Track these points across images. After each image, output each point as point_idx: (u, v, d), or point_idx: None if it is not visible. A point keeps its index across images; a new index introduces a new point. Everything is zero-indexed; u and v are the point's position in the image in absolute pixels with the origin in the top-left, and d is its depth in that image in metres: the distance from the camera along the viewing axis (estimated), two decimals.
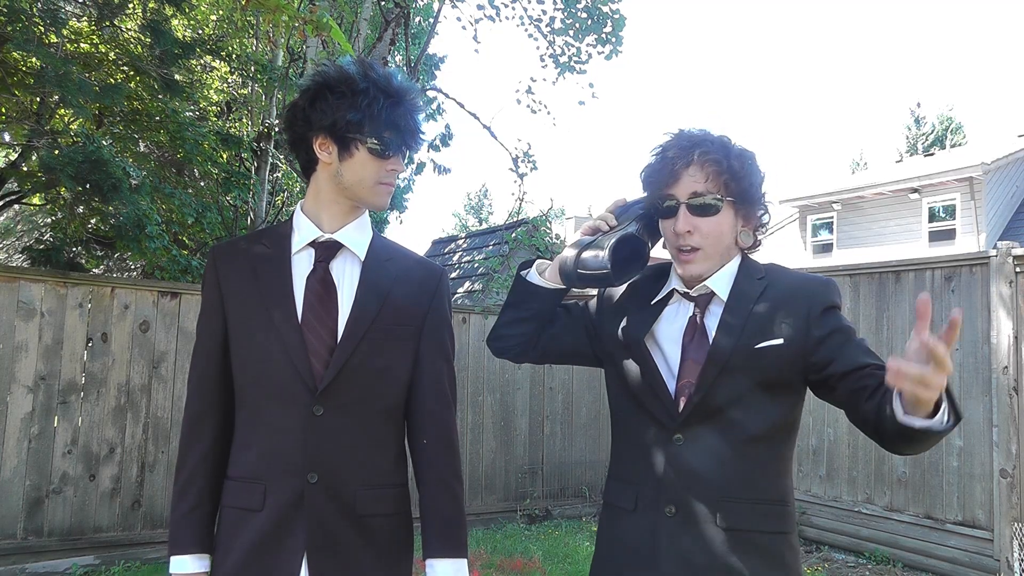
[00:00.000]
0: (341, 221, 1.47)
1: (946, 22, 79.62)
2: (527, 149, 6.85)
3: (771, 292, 1.38)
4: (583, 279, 1.44)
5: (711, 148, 1.37)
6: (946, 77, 75.52)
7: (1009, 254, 4.48)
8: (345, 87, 1.39)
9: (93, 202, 5.48)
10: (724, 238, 1.39)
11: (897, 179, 17.22)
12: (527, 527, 5.86)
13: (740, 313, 1.36)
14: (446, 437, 1.49)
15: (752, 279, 1.41)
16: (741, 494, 1.33)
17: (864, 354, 1.32)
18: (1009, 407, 4.42)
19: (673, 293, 1.45)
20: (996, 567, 4.40)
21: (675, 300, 1.45)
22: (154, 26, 5.60)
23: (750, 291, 1.39)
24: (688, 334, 1.39)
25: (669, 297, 1.45)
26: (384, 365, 1.44)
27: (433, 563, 1.43)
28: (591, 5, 6.85)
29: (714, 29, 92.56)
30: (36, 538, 4.31)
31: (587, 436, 6.47)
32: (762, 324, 1.35)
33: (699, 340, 1.38)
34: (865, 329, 5.18)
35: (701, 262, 1.38)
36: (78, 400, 4.52)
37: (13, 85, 5.15)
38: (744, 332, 1.34)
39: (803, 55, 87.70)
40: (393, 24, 6.22)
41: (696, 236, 1.37)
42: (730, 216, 1.39)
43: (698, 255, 1.37)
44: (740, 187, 1.37)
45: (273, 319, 1.40)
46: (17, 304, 4.36)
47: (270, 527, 1.36)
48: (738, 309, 1.37)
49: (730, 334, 1.35)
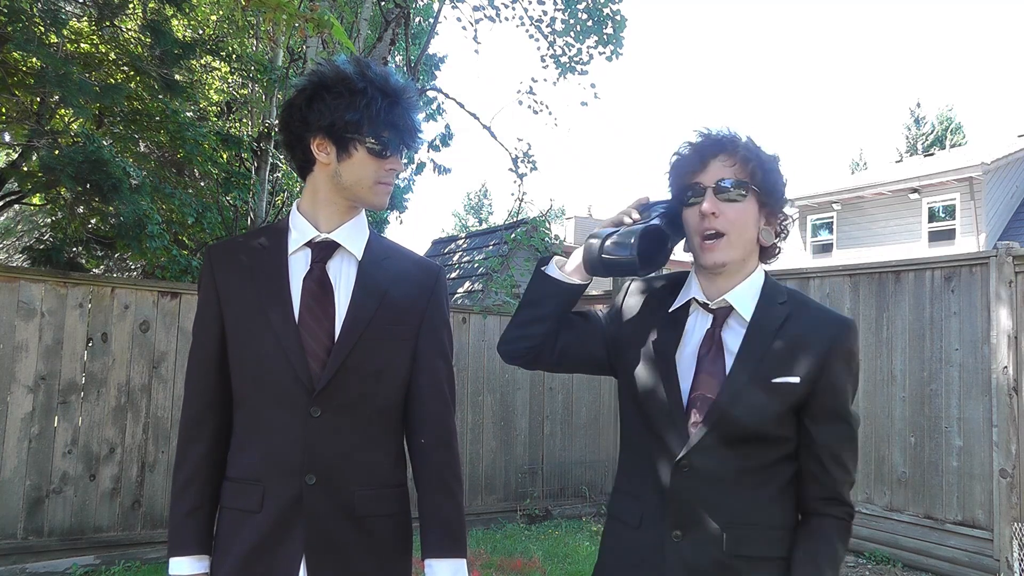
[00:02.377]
0: (338, 221, 1.46)
1: (946, 22, 79.62)
2: (527, 149, 6.85)
3: (793, 324, 1.37)
4: (608, 266, 1.42)
5: (740, 141, 1.39)
6: (946, 77, 75.55)
7: (1009, 254, 4.48)
8: (342, 87, 1.38)
9: (93, 202, 5.48)
10: (748, 229, 1.38)
11: (897, 179, 17.22)
12: (527, 527, 5.86)
13: (760, 343, 1.35)
14: (445, 437, 1.49)
15: (774, 303, 1.39)
16: (749, 520, 1.33)
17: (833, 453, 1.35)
18: (1009, 407, 4.41)
19: (692, 303, 1.43)
20: (996, 567, 4.40)
21: (694, 310, 1.44)
22: (154, 26, 5.61)
23: (772, 317, 1.37)
24: (704, 347, 1.38)
25: (688, 308, 1.44)
26: (382, 365, 1.43)
27: (432, 563, 1.43)
28: (592, 6, 6.85)
29: (714, 29, 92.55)
30: (36, 538, 4.31)
31: (587, 436, 6.47)
32: (781, 358, 1.34)
33: (714, 355, 1.37)
34: (865, 329, 5.18)
35: (724, 249, 1.36)
36: (78, 400, 4.52)
37: (13, 85, 5.15)
38: (762, 365, 1.34)
39: (803, 55, 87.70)
40: (393, 24, 6.22)
41: (721, 220, 1.35)
42: (754, 208, 1.38)
43: (722, 242, 1.36)
44: (767, 180, 1.38)
45: (270, 320, 1.39)
46: (17, 304, 4.36)
47: (269, 528, 1.36)
48: (758, 339, 1.36)
49: (747, 366, 1.34)
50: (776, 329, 1.36)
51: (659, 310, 1.47)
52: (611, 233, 1.44)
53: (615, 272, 1.43)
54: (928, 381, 4.87)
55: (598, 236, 1.45)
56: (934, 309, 4.87)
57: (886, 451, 5.06)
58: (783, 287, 1.43)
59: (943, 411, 4.78)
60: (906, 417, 4.97)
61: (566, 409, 6.38)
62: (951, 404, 4.75)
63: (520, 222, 7.93)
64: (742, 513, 1.32)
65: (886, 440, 5.07)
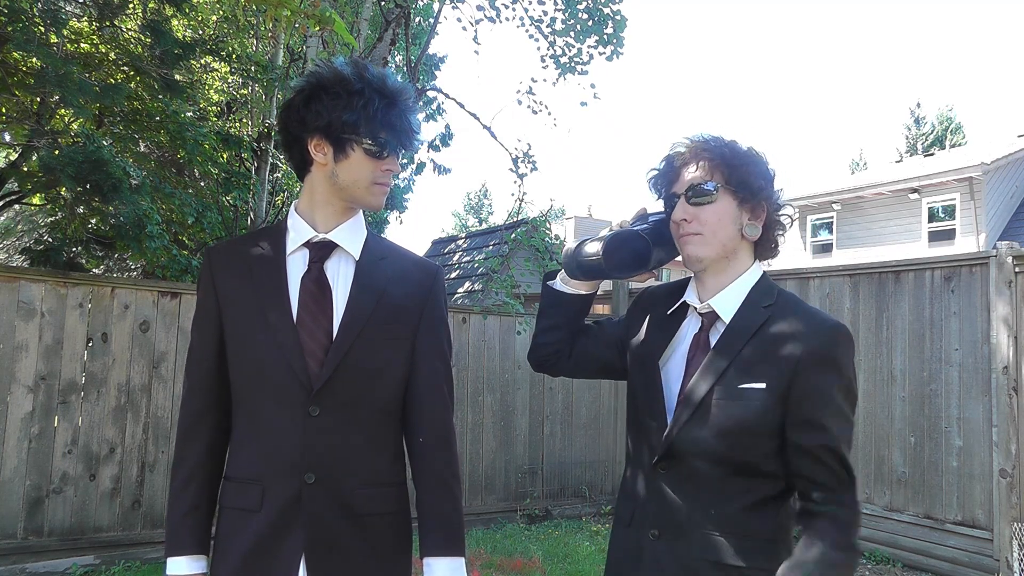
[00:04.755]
0: (335, 221, 1.47)
1: (946, 22, 79.59)
2: (527, 149, 6.83)
3: (771, 328, 1.35)
4: (580, 267, 1.49)
5: (707, 144, 1.42)
6: (946, 77, 75.52)
7: (1009, 254, 4.48)
8: (340, 88, 1.38)
9: (93, 202, 5.47)
10: (724, 226, 1.39)
11: (897, 179, 17.22)
12: (527, 527, 5.86)
13: (729, 351, 1.35)
14: (443, 436, 1.49)
15: (758, 306, 1.38)
16: (725, 527, 1.31)
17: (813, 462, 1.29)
18: (1009, 407, 4.41)
19: (688, 307, 1.46)
20: (996, 567, 4.40)
21: (690, 314, 1.46)
22: (154, 26, 5.60)
23: (751, 321, 1.37)
24: (692, 350, 1.41)
25: (685, 312, 1.47)
26: (380, 364, 1.44)
27: (431, 562, 1.43)
28: (592, 6, 6.84)
29: (714, 29, 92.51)
30: (36, 538, 4.31)
31: (587, 436, 6.46)
32: (750, 363, 1.33)
33: (699, 357, 1.39)
34: (865, 329, 5.18)
35: (699, 245, 1.39)
36: (78, 400, 4.53)
37: (13, 85, 5.15)
38: (727, 372, 1.33)
39: (803, 55, 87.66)
40: (393, 24, 6.21)
41: (695, 224, 1.39)
42: (730, 205, 1.39)
43: (697, 238, 1.40)
44: (737, 175, 1.39)
45: (269, 320, 1.40)
46: (17, 304, 4.37)
47: (268, 528, 1.37)
48: (729, 347, 1.35)
49: (710, 375, 1.34)
50: (753, 333, 1.35)
51: (659, 315, 1.51)
52: (591, 238, 1.49)
53: (586, 273, 1.49)
54: (928, 381, 4.87)
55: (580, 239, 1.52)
56: (934, 309, 4.87)
57: (886, 451, 5.06)
58: (777, 290, 1.42)
59: (943, 411, 4.78)
60: (906, 417, 4.97)
61: (566, 409, 6.38)
62: (951, 404, 4.75)
63: (520, 222, 7.93)
64: (718, 519, 1.32)
65: (886, 440, 5.07)
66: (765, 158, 1.44)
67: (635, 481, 1.45)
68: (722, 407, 1.31)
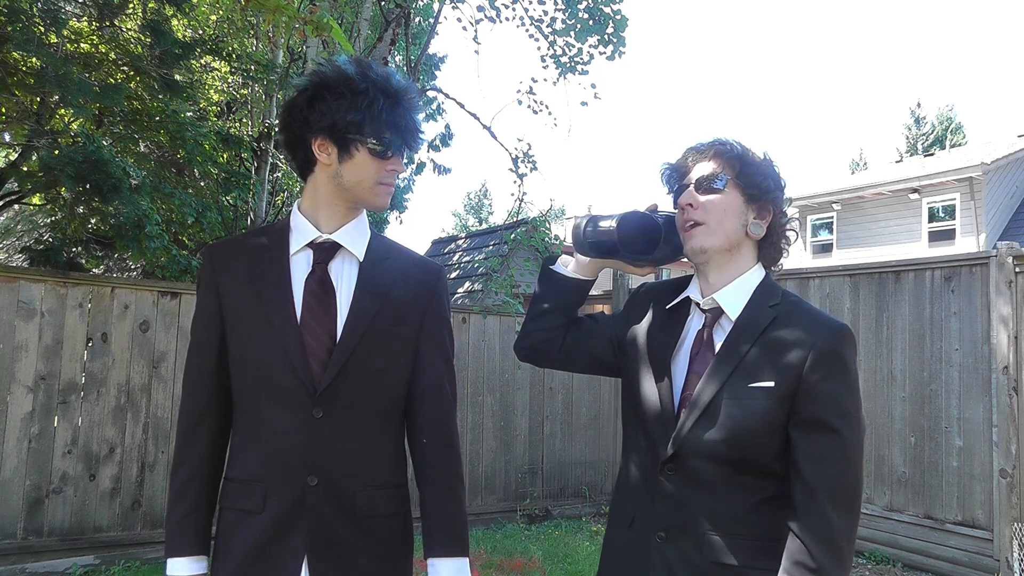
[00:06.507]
0: (339, 222, 1.46)
1: (946, 21, 79.62)
2: (527, 149, 6.83)
3: (778, 327, 1.34)
4: (593, 245, 1.50)
5: (722, 142, 1.44)
6: (946, 76, 75.56)
7: (1009, 254, 4.48)
8: (344, 87, 1.37)
9: (93, 202, 5.47)
10: (728, 218, 1.39)
11: (897, 179, 17.22)
12: (527, 527, 5.86)
13: (741, 346, 1.34)
14: (446, 437, 1.49)
15: (764, 305, 1.38)
16: (732, 529, 1.31)
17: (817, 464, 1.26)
18: (1009, 407, 4.41)
19: (690, 303, 1.46)
20: (996, 567, 4.40)
21: (693, 311, 1.46)
22: (154, 26, 5.59)
23: (758, 319, 1.36)
24: (695, 347, 1.40)
25: (689, 309, 1.46)
26: (383, 365, 1.43)
27: (435, 562, 1.43)
28: (592, 6, 6.83)
29: (715, 29, 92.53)
30: (36, 538, 4.31)
31: (587, 436, 6.46)
32: (759, 362, 1.32)
33: (703, 355, 1.38)
34: (865, 329, 5.18)
35: (702, 236, 1.40)
36: (78, 400, 4.52)
37: (13, 85, 5.14)
38: (735, 372, 1.32)
39: (803, 55, 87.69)
40: (393, 24, 6.21)
41: (699, 211, 1.40)
42: (737, 200, 1.40)
43: (700, 229, 1.40)
44: (747, 171, 1.40)
45: (272, 321, 1.39)
46: (17, 304, 4.36)
47: (270, 529, 1.36)
48: (736, 346, 1.35)
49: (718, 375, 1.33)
50: (760, 332, 1.35)
51: (661, 311, 1.49)
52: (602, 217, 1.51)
53: (595, 245, 1.50)
54: (928, 381, 4.87)
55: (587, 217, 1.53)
56: (934, 309, 4.87)
57: (886, 451, 5.06)
58: (781, 290, 1.42)
59: (943, 411, 4.78)
60: (906, 417, 4.97)
61: (566, 409, 6.38)
62: (951, 404, 4.75)
63: (520, 222, 7.93)
64: (726, 521, 1.31)
65: (886, 440, 5.07)
66: (778, 168, 1.46)
67: (636, 482, 1.43)
68: (730, 408, 1.31)
